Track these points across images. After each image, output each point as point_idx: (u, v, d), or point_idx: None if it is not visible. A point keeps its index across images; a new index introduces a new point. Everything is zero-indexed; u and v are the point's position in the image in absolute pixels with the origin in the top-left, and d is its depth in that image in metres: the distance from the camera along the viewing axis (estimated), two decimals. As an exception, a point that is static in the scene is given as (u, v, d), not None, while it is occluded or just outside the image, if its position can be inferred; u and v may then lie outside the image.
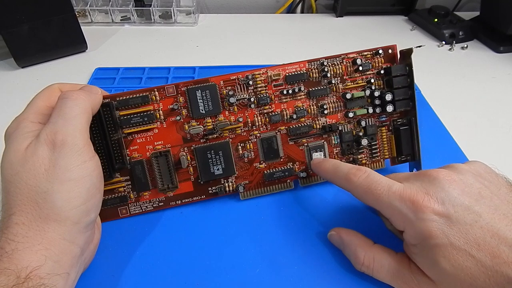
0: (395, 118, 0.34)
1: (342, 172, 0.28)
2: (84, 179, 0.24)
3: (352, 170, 0.27)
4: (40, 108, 0.26)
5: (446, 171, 0.25)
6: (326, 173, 0.30)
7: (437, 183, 0.24)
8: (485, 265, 0.21)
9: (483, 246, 0.22)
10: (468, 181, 0.24)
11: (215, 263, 0.29)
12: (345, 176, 0.27)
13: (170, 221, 0.32)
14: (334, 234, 0.29)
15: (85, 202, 0.24)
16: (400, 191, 0.24)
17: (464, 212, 0.23)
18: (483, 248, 0.22)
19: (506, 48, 0.57)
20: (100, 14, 0.65)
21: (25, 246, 0.21)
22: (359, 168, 0.27)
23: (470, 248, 0.22)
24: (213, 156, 0.32)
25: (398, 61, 0.33)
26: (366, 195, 0.26)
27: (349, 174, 0.27)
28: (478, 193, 0.23)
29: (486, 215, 0.22)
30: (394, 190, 0.24)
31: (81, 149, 0.24)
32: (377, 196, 0.25)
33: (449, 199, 0.23)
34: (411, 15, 0.67)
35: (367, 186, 0.26)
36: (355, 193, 0.27)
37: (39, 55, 0.52)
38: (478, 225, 0.22)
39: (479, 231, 0.22)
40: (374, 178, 0.26)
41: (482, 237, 0.22)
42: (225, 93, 0.31)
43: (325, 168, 0.30)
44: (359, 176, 0.26)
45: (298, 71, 0.32)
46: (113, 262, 0.29)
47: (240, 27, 0.64)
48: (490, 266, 0.21)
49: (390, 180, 0.25)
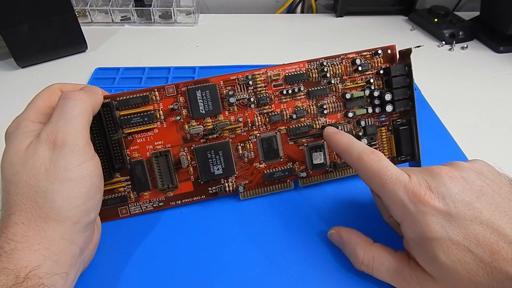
0: (394, 118, 0.34)
1: (356, 149, 0.27)
2: (84, 179, 0.24)
3: (366, 151, 0.27)
4: (40, 108, 0.26)
5: (448, 168, 0.25)
6: (338, 145, 0.29)
7: (439, 178, 0.24)
8: (483, 261, 0.22)
9: (482, 242, 0.22)
10: (469, 178, 0.24)
11: (215, 263, 0.29)
12: (358, 154, 0.27)
13: (170, 221, 0.32)
14: (334, 233, 0.29)
15: (85, 202, 0.24)
16: (406, 181, 0.24)
17: (465, 208, 0.23)
18: (482, 244, 0.22)
19: (506, 48, 0.57)
20: (100, 14, 0.65)
21: (24, 245, 0.21)
22: (373, 150, 0.27)
23: (469, 244, 0.22)
24: (213, 156, 0.32)
25: (397, 61, 0.33)
26: (373, 177, 0.26)
27: (362, 153, 0.27)
28: (479, 190, 0.24)
29: (486, 212, 0.22)
30: (401, 179, 0.25)
31: (81, 149, 0.24)
32: (383, 182, 0.25)
33: (450, 195, 0.23)
34: (411, 15, 0.67)
35: (377, 169, 0.26)
36: (363, 173, 0.27)
37: (39, 55, 0.52)
38: (478, 221, 0.22)
39: (479, 227, 0.22)
40: (385, 164, 0.26)
41: (481, 233, 0.22)
42: (225, 93, 0.31)
43: (338, 140, 0.29)
44: (371, 158, 0.26)
45: (298, 71, 0.32)
46: (113, 262, 0.29)
47: (240, 27, 0.64)
48: (488, 262, 0.21)
49: (400, 170, 0.25)
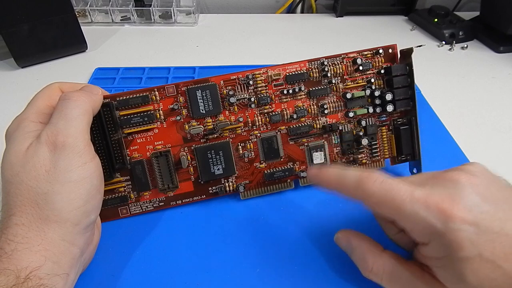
0: (395, 117, 0.34)
1: (350, 179, 0.24)
2: (85, 181, 0.24)
3: (363, 175, 0.24)
4: (40, 108, 0.26)
5: (466, 175, 0.22)
6: (329, 182, 0.26)
7: (461, 187, 0.22)
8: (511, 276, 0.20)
9: (509, 255, 0.20)
10: (487, 184, 0.22)
11: (215, 263, 0.29)
12: (356, 183, 0.24)
13: (170, 221, 0.32)
14: (341, 237, 0.27)
15: (85, 203, 0.24)
16: (425, 197, 0.21)
17: (491, 219, 0.21)
18: (509, 257, 0.20)
19: (506, 48, 0.57)
20: (100, 14, 0.65)
21: (24, 246, 0.21)
22: (370, 173, 0.24)
23: (498, 259, 0.20)
24: (214, 156, 0.32)
25: (398, 60, 0.33)
26: (384, 203, 0.23)
27: (361, 181, 0.23)
28: (499, 198, 0.22)
29: (509, 221, 0.21)
30: (418, 196, 0.22)
31: (82, 151, 0.24)
32: (399, 204, 0.22)
33: (476, 205, 0.21)
34: (411, 15, 0.67)
35: (385, 193, 0.22)
36: (369, 201, 0.24)
37: (39, 55, 0.52)
38: (504, 233, 0.21)
39: (505, 238, 0.20)
40: (392, 184, 0.23)
41: (508, 245, 0.20)
42: (225, 93, 0.31)
43: (328, 177, 0.26)
44: (374, 181, 0.23)
45: (299, 70, 0.32)
46: (113, 262, 0.29)
47: (240, 27, 0.64)
48: None
49: (409, 184, 0.22)
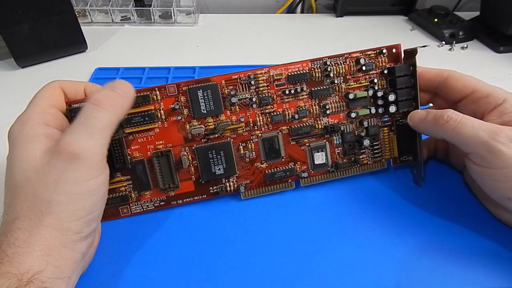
0: (397, 118, 0.34)
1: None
2: (92, 193, 0.24)
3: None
4: (43, 108, 0.26)
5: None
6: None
7: None
8: None
9: None
10: None
11: (215, 263, 0.29)
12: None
13: (171, 220, 0.32)
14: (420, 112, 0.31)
15: (89, 214, 0.24)
16: None
17: None
18: None
19: (506, 48, 0.57)
20: (100, 14, 0.65)
21: (25, 251, 0.21)
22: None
23: None
24: (215, 156, 0.32)
25: (402, 61, 0.33)
26: None
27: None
28: None
29: None
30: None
31: (96, 165, 0.24)
32: None
33: None
34: (411, 15, 0.67)
35: None
36: None
37: (39, 55, 0.52)
38: None
39: None
40: None
41: None
42: (226, 92, 0.31)
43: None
44: None
45: (301, 70, 0.32)
46: (113, 262, 0.29)
47: (240, 27, 0.64)
48: None
49: None
